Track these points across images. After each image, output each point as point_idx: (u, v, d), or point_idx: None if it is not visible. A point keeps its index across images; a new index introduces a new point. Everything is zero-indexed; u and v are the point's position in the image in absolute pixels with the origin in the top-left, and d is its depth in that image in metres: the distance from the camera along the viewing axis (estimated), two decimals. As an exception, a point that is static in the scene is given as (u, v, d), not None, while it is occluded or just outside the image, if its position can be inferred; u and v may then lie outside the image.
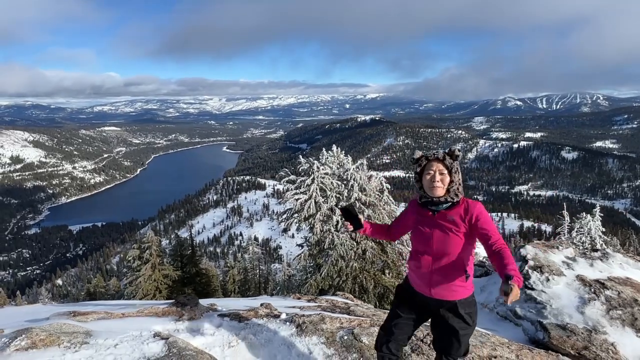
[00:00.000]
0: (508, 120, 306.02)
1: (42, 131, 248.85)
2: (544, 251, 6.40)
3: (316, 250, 14.73)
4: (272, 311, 3.97)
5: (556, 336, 4.78)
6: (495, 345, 3.89)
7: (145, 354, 2.87)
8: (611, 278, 5.87)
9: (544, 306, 5.31)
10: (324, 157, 15.42)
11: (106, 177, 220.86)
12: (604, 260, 6.34)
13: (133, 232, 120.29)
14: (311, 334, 3.54)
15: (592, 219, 23.27)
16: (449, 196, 2.42)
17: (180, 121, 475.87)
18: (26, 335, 2.82)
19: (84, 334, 3.04)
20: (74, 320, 3.46)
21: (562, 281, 5.69)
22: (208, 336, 3.42)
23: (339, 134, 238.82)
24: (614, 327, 4.88)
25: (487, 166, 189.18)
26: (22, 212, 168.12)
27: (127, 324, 3.45)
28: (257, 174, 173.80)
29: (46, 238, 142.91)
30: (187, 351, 2.94)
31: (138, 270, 16.19)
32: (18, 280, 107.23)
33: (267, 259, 71.03)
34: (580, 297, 5.36)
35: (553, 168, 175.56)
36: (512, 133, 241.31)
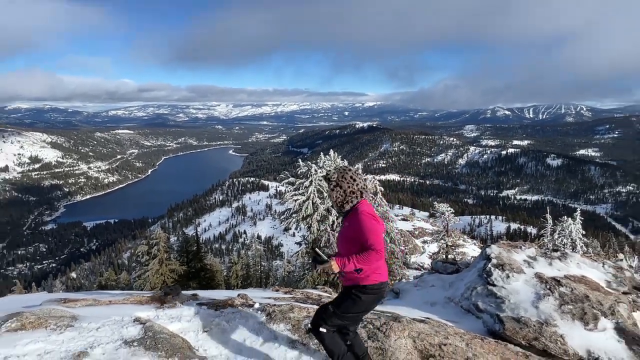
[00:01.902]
0: (497, 129, 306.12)
1: (60, 133, 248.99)
2: (507, 250, 6.52)
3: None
4: (247, 301, 4.10)
5: (510, 328, 4.91)
6: (448, 334, 4.02)
7: (123, 336, 3.01)
8: (567, 276, 6.00)
9: (502, 301, 5.44)
10: (322, 161, 15.56)
11: (119, 177, 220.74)
12: (562, 259, 6.46)
13: (143, 229, 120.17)
14: (279, 322, 3.67)
15: (573, 222, 23.38)
16: (340, 209, 2.87)
17: (190, 125, 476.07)
18: (17, 318, 2.96)
19: (70, 318, 3.18)
20: (63, 306, 3.60)
21: (521, 278, 5.81)
22: (184, 322, 3.55)
23: (338, 139, 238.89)
24: (565, 321, 5.01)
25: (476, 171, 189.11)
26: (40, 208, 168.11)
27: (111, 310, 3.58)
28: (260, 176, 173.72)
29: (62, 233, 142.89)
30: (162, 334, 3.08)
31: (146, 265, 16.32)
32: (35, 273, 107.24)
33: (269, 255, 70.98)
34: (536, 292, 5.48)
35: (538, 174, 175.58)
36: (501, 141, 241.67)
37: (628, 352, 4.61)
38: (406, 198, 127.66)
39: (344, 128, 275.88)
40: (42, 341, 2.76)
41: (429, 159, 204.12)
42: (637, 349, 4.64)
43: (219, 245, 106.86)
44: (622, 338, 4.86)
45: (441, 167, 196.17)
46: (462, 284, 6.36)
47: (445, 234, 25.69)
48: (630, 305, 5.70)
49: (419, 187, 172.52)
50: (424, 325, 4.19)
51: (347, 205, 2.80)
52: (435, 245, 31.38)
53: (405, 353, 3.45)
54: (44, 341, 2.76)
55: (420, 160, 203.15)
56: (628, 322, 5.20)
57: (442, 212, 24.58)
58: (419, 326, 3.98)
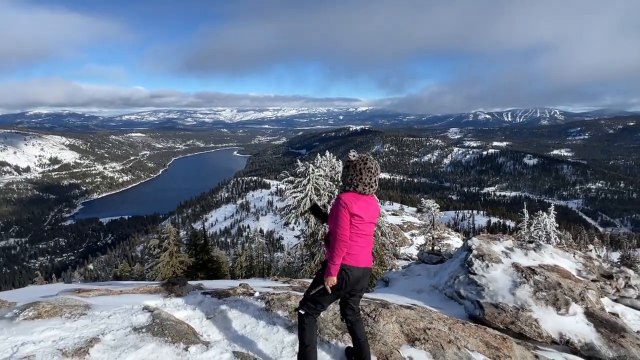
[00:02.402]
0: (478, 131, 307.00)
1: (78, 136, 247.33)
2: (487, 242, 6.53)
3: (311, 241, 14.89)
4: (248, 290, 4.08)
5: (489, 313, 4.92)
6: (432, 319, 4.02)
7: (132, 323, 2.98)
8: (542, 265, 6.01)
9: (482, 288, 5.45)
10: (319, 161, 15.56)
11: (132, 177, 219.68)
12: (537, 250, 6.48)
13: (155, 224, 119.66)
14: (277, 309, 3.66)
15: (547, 216, 23.55)
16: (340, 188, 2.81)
17: (197, 129, 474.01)
18: (33, 307, 2.93)
19: (83, 307, 3.15)
20: (78, 296, 3.56)
21: (499, 267, 5.82)
22: (190, 310, 3.52)
23: (334, 141, 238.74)
24: (539, 306, 5.02)
25: (460, 170, 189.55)
26: (59, 206, 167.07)
27: (122, 300, 3.56)
28: (263, 175, 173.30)
29: (80, 229, 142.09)
30: (169, 321, 3.05)
31: (157, 257, 16.27)
32: (55, 265, 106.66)
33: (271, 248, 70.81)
34: (513, 281, 5.49)
35: (516, 172, 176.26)
36: (482, 142, 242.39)
37: (596, 334, 4.63)
38: (396, 195, 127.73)
39: (339, 131, 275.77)
40: (57, 328, 2.73)
41: (417, 159, 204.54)
42: (604, 331, 4.66)
43: (224, 239, 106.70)
44: (590, 322, 4.88)
45: (428, 167, 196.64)
46: (446, 273, 6.37)
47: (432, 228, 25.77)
48: (598, 292, 5.73)
49: (407, 184, 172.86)
50: (411, 311, 4.18)
51: (345, 187, 2.79)
52: (423, 238, 31.51)
53: (393, 337, 3.44)
54: (59, 328, 2.74)
55: (408, 160, 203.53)
56: (596, 307, 5.23)
57: (429, 208, 24.67)
58: (406, 312, 3.97)
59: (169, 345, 2.76)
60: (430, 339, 3.51)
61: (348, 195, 2.68)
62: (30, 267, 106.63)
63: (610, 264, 9.29)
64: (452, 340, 3.58)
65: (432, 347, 3.41)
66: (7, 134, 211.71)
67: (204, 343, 2.90)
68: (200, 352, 2.76)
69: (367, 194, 2.74)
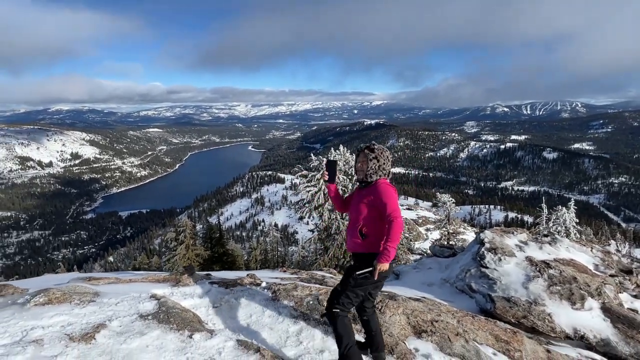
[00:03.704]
0: (496, 125, 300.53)
1: (97, 132, 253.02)
2: (500, 235, 6.39)
3: (324, 235, 14.91)
4: (255, 280, 4.09)
5: (500, 307, 4.82)
6: (441, 312, 3.96)
7: (139, 311, 3.03)
8: (557, 259, 5.85)
9: (494, 282, 5.34)
10: (332, 155, 15.53)
11: (150, 171, 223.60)
12: (552, 244, 6.31)
13: (172, 217, 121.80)
14: (283, 299, 3.66)
15: (567, 211, 22.92)
16: (365, 178, 2.77)
17: (213, 124, 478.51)
18: (44, 293, 3.00)
19: (92, 294, 3.21)
20: (88, 284, 3.64)
21: (512, 261, 5.69)
22: (197, 299, 3.56)
23: (348, 135, 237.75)
24: (553, 301, 4.89)
25: (477, 164, 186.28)
26: (80, 200, 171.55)
27: (130, 288, 3.61)
28: (277, 169, 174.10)
29: (100, 222, 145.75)
30: (174, 309, 3.09)
31: (174, 250, 16.53)
32: (77, 257, 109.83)
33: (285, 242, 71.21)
34: (527, 274, 5.37)
35: (535, 166, 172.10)
36: (500, 136, 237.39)
37: (613, 330, 4.49)
38: (411, 189, 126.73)
39: (353, 125, 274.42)
40: (66, 314, 2.80)
41: (432, 153, 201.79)
42: (622, 327, 4.51)
43: (239, 233, 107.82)
44: (607, 317, 4.73)
45: (443, 161, 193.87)
46: (457, 266, 6.26)
47: (447, 222, 25.47)
48: (616, 287, 5.55)
49: (422, 179, 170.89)
50: (419, 303, 4.13)
51: (374, 176, 2.75)
52: (438, 233, 31.16)
53: (399, 328, 3.41)
54: (67, 314, 2.80)
55: (424, 155, 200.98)
56: (614, 302, 5.07)
57: (444, 202, 24.38)
58: (414, 304, 3.92)
59: (173, 332, 2.80)
60: (438, 331, 3.46)
61: (386, 181, 2.79)
62: (53, 258, 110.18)
63: (631, 259, 8.99)
64: (460, 333, 3.52)
65: (439, 339, 3.36)
66: (30, 130, 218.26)
67: (208, 331, 2.92)
68: (204, 340, 2.78)
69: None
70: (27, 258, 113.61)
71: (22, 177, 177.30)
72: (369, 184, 2.76)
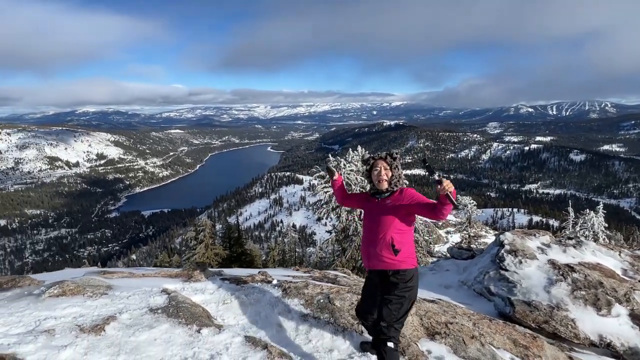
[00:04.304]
0: (520, 126, 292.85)
1: (121, 133, 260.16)
2: (521, 238, 6.18)
3: (342, 236, 14.84)
4: (266, 278, 4.08)
5: (520, 311, 4.65)
6: (456, 314, 3.84)
7: (149, 305, 3.06)
8: (582, 263, 5.61)
9: (514, 285, 5.16)
10: (350, 156, 15.45)
11: (172, 172, 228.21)
12: (577, 247, 6.05)
13: (193, 217, 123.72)
14: (293, 297, 3.63)
15: (595, 215, 22.09)
16: (390, 187, 2.63)
17: (233, 125, 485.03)
18: (59, 285, 3.07)
19: (105, 287, 3.26)
20: (101, 277, 3.70)
21: (534, 264, 5.49)
22: (207, 294, 3.57)
23: (367, 136, 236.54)
24: (577, 306, 4.68)
25: (499, 166, 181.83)
26: (105, 199, 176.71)
27: (143, 282, 3.66)
28: (295, 170, 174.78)
29: (124, 221, 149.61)
30: (184, 304, 3.10)
31: (194, 249, 16.77)
32: (101, 255, 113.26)
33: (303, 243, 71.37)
34: (549, 278, 5.16)
35: (561, 169, 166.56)
36: (524, 137, 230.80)
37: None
38: (430, 191, 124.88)
39: (372, 126, 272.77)
40: (78, 306, 2.85)
41: (453, 154, 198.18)
42: (652, 335, 4.27)
43: (258, 233, 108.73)
44: (636, 324, 4.49)
45: (465, 163, 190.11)
46: (476, 268, 6.09)
47: (468, 225, 24.96)
48: (646, 293, 5.27)
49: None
50: (433, 305, 4.02)
51: (398, 185, 2.66)
52: (458, 236, 30.56)
53: (412, 329, 3.32)
54: (80, 306, 2.85)
55: (444, 156, 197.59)
56: (644, 309, 4.81)
57: (465, 205, 23.93)
58: (428, 306, 3.82)
59: (182, 326, 2.80)
60: (452, 333, 3.35)
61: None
62: (79, 255, 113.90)
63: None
64: (476, 336, 3.40)
65: (453, 341, 3.26)
66: (59, 131, 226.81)
67: (217, 326, 2.92)
68: (212, 335, 2.78)
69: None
70: (55, 255, 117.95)
71: (50, 177, 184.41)
72: (393, 192, 2.64)
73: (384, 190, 2.63)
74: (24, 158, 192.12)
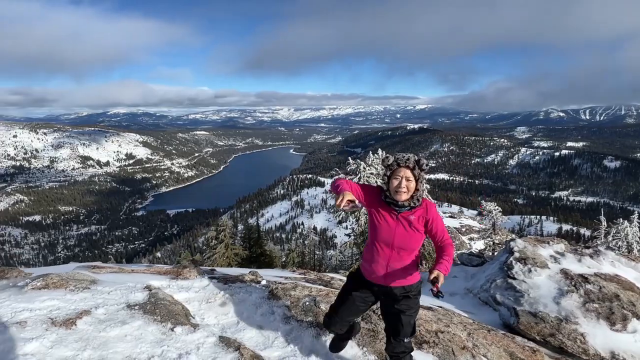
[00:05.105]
0: (550, 130, 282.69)
1: (149, 134, 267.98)
2: (533, 245, 5.87)
3: (360, 240, 14.69)
4: (256, 278, 4.01)
5: (524, 322, 4.39)
6: (451, 323, 3.65)
7: (128, 301, 3.04)
8: (598, 274, 5.26)
9: (522, 294, 4.89)
10: (370, 159, 15.29)
11: (196, 172, 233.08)
12: (594, 257, 5.69)
13: (216, 217, 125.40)
14: (279, 298, 3.54)
15: (629, 225, 21.00)
16: (412, 202, 2.29)
17: (256, 127, 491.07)
18: (43, 278, 3.10)
19: (89, 282, 3.27)
20: (89, 271, 3.74)
21: (544, 273, 5.19)
22: (192, 292, 3.53)
23: (390, 140, 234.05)
24: (588, 319, 4.38)
25: (527, 172, 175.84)
26: (133, 197, 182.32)
27: (129, 278, 3.66)
28: (317, 173, 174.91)
29: (150, 219, 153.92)
30: (163, 301, 3.07)
31: (214, 248, 16.99)
32: (128, 252, 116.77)
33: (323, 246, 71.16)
34: (559, 288, 4.86)
35: (594, 176, 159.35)
36: (554, 142, 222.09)
37: (659, 358, 3.92)
38: (455, 197, 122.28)
39: (396, 129, 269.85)
40: (57, 299, 2.86)
41: (479, 159, 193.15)
42: (671, 355, 3.93)
43: (279, 235, 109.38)
44: (654, 342, 4.15)
45: (491, 168, 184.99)
46: (483, 276, 5.82)
47: (492, 232, 24.17)
48: (669, 309, 4.87)
49: (468, 186, 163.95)
50: (428, 312, 3.85)
51: (421, 199, 2.32)
52: (482, 243, 29.60)
53: (398, 337, 3.16)
54: (59, 299, 2.86)
55: (469, 161, 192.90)
56: (665, 326, 4.44)
57: (489, 211, 23.15)
58: (421, 312, 3.65)
59: (156, 323, 2.76)
60: (441, 342, 3.18)
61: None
62: (107, 252, 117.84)
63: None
64: (468, 347, 3.21)
65: (441, 351, 3.08)
66: (91, 131, 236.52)
67: (192, 325, 2.86)
68: (185, 334, 2.73)
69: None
70: (85, 250, 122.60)
71: (82, 175, 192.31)
72: (414, 207, 2.31)
73: (401, 202, 2.28)
74: (59, 157, 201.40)
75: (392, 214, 2.34)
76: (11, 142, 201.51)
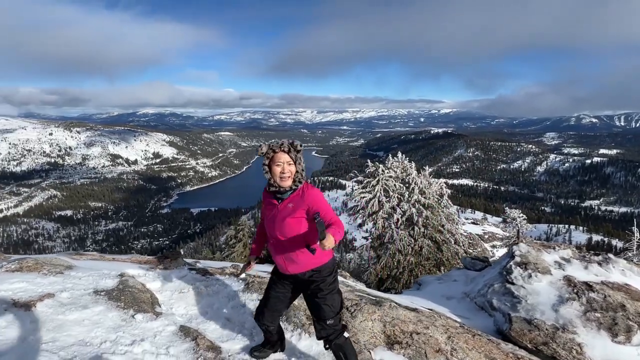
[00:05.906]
0: (582, 137, 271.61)
1: (176, 134, 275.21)
2: (537, 250, 5.57)
3: (377, 243, 14.54)
4: (236, 271, 3.97)
5: (517, 329, 4.15)
6: (431, 325, 3.48)
7: (97, 287, 3.05)
8: (605, 282, 4.92)
9: (519, 300, 4.63)
10: (389, 162, 15.13)
11: (220, 172, 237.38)
12: (603, 264, 5.33)
13: (238, 217, 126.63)
14: (254, 291, 3.48)
15: (664, 237, 19.92)
16: (294, 185, 2.34)
17: (279, 129, 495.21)
18: (18, 262, 3.16)
19: (64, 267, 3.31)
20: (69, 257, 3.79)
21: (545, 279, 4.90)
22: (167, 282, 3.51)
23: (413, 144, 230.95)
24: (587, 329, 4.09)
25: (556, 180, 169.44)
26: (159, 195, 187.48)
27: (107, 265, 3.69)
28: (339, 175, 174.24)
29: (174, 217, 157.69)
30: (132, 288, 3.06)
31: (233, 247, 17.23)
32: (153, 248, 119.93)
33: (342, 248, 71.12)
34: (560, 296, 4.57)
35: (628, 185, 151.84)
36: (585, 149, 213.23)
37: (663, 374, 3.62)
38: (479, 203, 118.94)
39: (419, 133, 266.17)
40: (27, 282, 2.90)
41: (505, 165, 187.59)
42: (677, 371, 3.61)
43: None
44: (661, 357, 3.82)
45: (517, 174, 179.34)
46: (482, 280, 5.58)
47: (516, 240, 23.33)
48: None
49: (492, 192, 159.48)
50: (410, 313, 3.68)
51: (302, 180, 2.38)
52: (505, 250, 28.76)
53: (369, 335, 3.04)
54: (28, 282, 2.90)
55: (495, 167, 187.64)
56: (674, 340, 4.09)
57: (513, 218, 22.40)
58: (400, 312, 3.50)
59: (118, 310, 2.75)
60: (415, 344, 3.03)
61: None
62: (133, 247, 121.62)
63: None
64: (443, 350, 3.05)
65: (413, 353, 2.93)
66: (121, 130, 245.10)
67: (155, 313, 2.84)
68: (145, 321, 2.70)
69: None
70: (112, 245, 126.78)
71: (112, 173, 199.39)
72: (294, 190, 2.35)
73: (286, 187, 2.32)
74: (90, 155, 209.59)
75: (274, 204, 2.39)
76: (47, 140, 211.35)
